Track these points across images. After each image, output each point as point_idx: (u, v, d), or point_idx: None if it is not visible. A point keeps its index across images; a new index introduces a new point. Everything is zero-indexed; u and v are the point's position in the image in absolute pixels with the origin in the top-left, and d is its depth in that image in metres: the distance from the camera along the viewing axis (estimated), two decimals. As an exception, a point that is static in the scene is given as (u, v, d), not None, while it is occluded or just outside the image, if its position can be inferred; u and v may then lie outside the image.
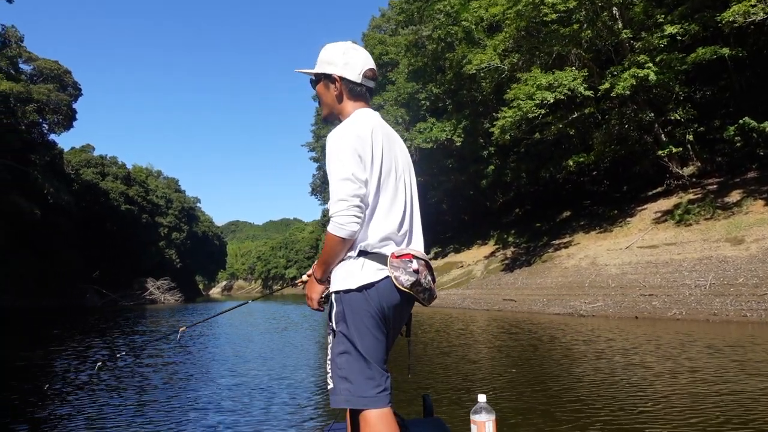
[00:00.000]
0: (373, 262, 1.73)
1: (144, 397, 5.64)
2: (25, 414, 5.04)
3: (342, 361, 1.72)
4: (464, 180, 26.82)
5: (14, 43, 34.05)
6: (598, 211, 21.79)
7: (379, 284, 1.72)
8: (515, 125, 17.25)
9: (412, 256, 1.74)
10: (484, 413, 1.96)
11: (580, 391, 5.08)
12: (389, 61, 30.35)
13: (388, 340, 1.81)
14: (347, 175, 1.68)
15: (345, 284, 1.74)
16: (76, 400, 5.61)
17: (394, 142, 1.90)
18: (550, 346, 8.26)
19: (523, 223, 26.03)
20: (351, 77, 1.86)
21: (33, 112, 38.51)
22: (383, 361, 1.76)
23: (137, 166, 69.35)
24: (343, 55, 1.86)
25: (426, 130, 22.96)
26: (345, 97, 1.88)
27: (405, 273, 1.71)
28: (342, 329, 1.73)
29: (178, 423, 4.59)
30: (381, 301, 1.72)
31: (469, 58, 19.28)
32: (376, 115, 1.89)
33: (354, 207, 1.67)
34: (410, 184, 1.93)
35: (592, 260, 17.10)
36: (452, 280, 24.13)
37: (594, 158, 19.03)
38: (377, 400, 1.68)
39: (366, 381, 1.69)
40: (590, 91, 16.28)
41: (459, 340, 9.88)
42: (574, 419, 4.16)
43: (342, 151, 1.71)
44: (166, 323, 18.40)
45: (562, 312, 13.54)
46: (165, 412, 4.99)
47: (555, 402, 4.71)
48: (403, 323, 1.90)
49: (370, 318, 1.71)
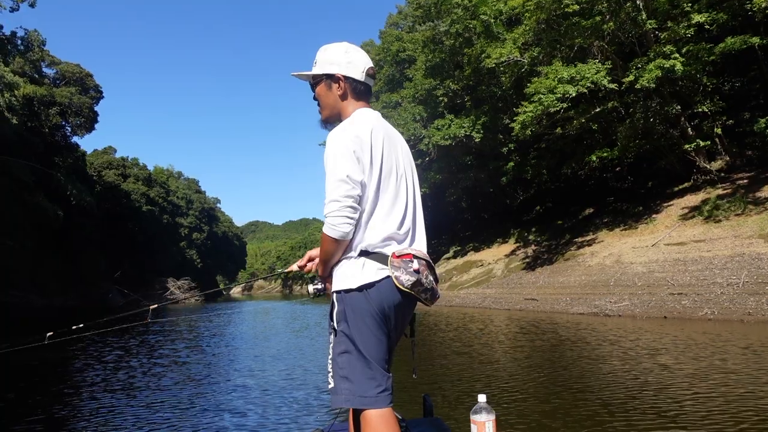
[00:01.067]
0: (374, 261, 1.73)
1: (156, 396, 5.50)
2: (38, 413, 4.97)
3: (343, 361, 1.72)
4: (483, 177, 26.38)
5: (36, 47, 34.57)
6: (622, 207, 21.23)
7: (380, 284, 1.72)
8: (536, 120, 16.82)
9: (412, 256, 1.74)
10: (484, 413, 1.96)
11: (604, 393, 4.79)
12: (406, 57, 30.05)
13: (390, 341, 1.80)
14: (342, 176, 1.69)
15: (346, 284, 1.74)
16: (88, 398, 5.56)
17: (395, 142, 1.90)
18: (574, 346, 7.92)
19: (544, 220, 25.52)
20: (355, 75, 1.87)
21: (56, 115, 39.17)
22: (385, 361, 1.75)
23: (158, 168, 70.20)
24: (346, 54, 1.87)
25: (444, 126, 22.59)
26: (349, 96, 1.89)
27: (406, 273, 1.70)
28: (343, 329, 1.74)
29: (182, 423, 4.55)
30: (382, 301, 1.71)
31: (488, 52, 18.89)
32: (376, 115, 1.89)
33: (346, 208, 1.68)
34: (412, 183, 1.92)
35: (616, 258, 16.60)
36: (472, 279, 23.76)
37: (618, 153, 18.49)
38: (378, 400, 1.69)
39: (367, 381, 1.69)
40: (614, 84, 15.77)
41: (477, 339, 9.59)
42: (597, 423, 3.88)
43: (339, 152, 1.72)
44: (184, 323, 18.41)
45: (587, 311, 13.13)
46: (172, 411, 4.94)
47: (577, 404, 4.43)
48: (406, 323, 1.89)
49: (370, 318, 1.71)
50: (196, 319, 20.46)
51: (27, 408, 5.26)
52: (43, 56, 38.53)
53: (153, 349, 10.19)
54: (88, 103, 41.86)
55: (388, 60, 31.46)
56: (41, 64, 39.44)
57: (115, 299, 40.94)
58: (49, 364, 8.19)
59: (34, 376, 7.16)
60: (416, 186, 1.95)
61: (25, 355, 8.90)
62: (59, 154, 40.14)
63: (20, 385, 6.45)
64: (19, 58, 34.27)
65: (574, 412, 4.39)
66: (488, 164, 25.35)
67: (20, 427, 4.58)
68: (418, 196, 1.94)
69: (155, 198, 58.88)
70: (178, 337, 12.66)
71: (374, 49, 36.32)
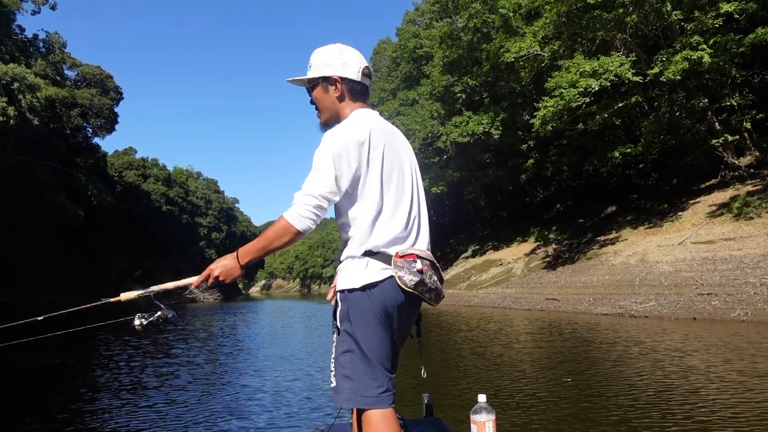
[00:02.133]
0: (378, 261, 1.72)
1: (159, 395, 5.34)
2: (41, 413, 4.89)
3: (345, 360, 1.72)
4: (502, 175, 25.92)
5: (57, 49, 35.03)
6: (646, 205, 20.65)
7: (383, 284, 1.70)
8: (557, 116, 16.39)
9: (416, 256, 1.73)
10: (484, 413, 1.96)
11: (625, 396, 4.48)
12: (423, 54, 29.67)
13: (394, 341, 1.79)
14: (325, 176, 1.68)
15: (349, 283, 1.73)
16: (102, 398, 5.51)
17: (396, 141, 1.88)
18: (598, 348, 7.57)
19: (565, 218, 25.00)
20: (351, 76, 1.86)
21: (77, 117, 39.68)
22: (388, 362, 1.74)
23: (178, 168, 70.86)
24: (340, 55, 1.86)
25: (462, 123, 22.20)
26: (347, 97, 1.87)
27: (409, 273, 1.69)
28: (346, 328, 1.73)
29: (182, 423, 4.51)
30: (385, 301, 1.70)
31: (507, 46, 18.48)
32: (375, 115, 1.88)
33: (318, 207, 1.67)
34: (415, 182, 1.90)
35: (641, 257, 16.11)
36: (491, 278, 23.37)
37: (642, 149, 17.94)
38: (379, 400, 1.68)
39: (369, 381, 1.69)
40: (639, 77, 15.26)
41: (494, 340, 9.27)
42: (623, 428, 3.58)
43: (330, 152, 1.70)
44: (200, 322, 18.40)
45: (611, 312, 12.71)
46: (173, 411, 4.88)
47: (598, 410, 4.12)
48: (411, 324, 1.88)
49: (373, 317, 1.71)
50: (213, 317, 20.46)
51: (33, 407, 5.19)
52: (65, 58, 39.06)
53: (164, 347, 10.10)
54: (109, 104, 42.35)
55: (405, 57, 31.15)
56: (63, 66, 39.99)
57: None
58: (58, 364, 8.12)
59: (41, 376, 7.08)
60: (419, 185, 1.93)
61: (37, 356, 8.86)
62: (81, 155, 40.67)
63: (27, 384, 6.36)
64: (41, 61, 34.79)
65: (593, 416, 4.10)
66: (507, 162, 24.91)
67: (26, 427, 4.50)
68: (422, 195, 1.92)
69: (175, 198, 59.44)
70: (190, 336, 12.58)
71: (391, 46, 36.08)
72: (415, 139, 24.73)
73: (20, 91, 24.31)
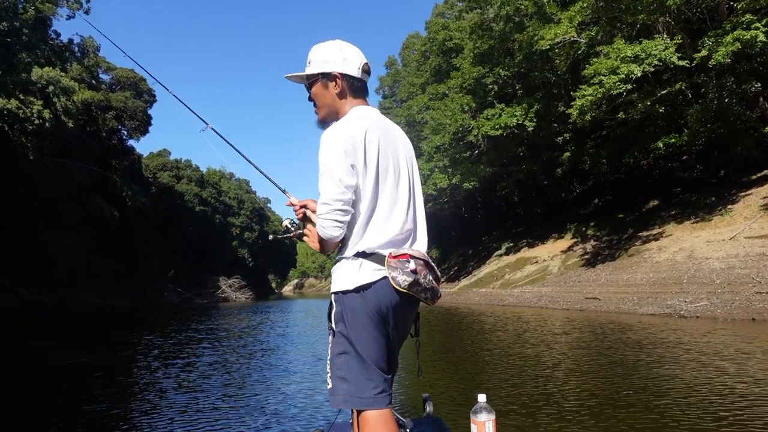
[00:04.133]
0: (371, 262, 1.72)
1: (164, 394, 4.98)
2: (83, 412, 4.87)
3: (341, 362, 1.72)
4: (536, 169, 25.00)
5: (92, 53, 35.71)
6: (691, 198, 19.52)
7: (377, 285, 1.71)
8: (596, 105, 15.51)
9: (409, 256, 1.72)
10: (484, 413, 1.95)
11: (670, 404, 3.83)
12: (453, 46, 28.92)
13: (391, 342, 1.79)
14: (333, 179, 1.69)
15: (343, 285, 1.73)
16: (128, 398, 5.46)
17: (393, 140, 1.86)
18: (650, 352, 6.86)
19: (603, 214, 23.96)
20: (351, 72, 1.85)
21: (112, 119, 40.44)
22: (383, 363, 1.74)
23: (211, 169, 71.75)
24: (340, 51, 1.85)
25: (494, 116, 21.40)
26: (346, 94, 1.86)
27: (402, 273, 1.69)
28: (341, 329, 1.73)
29: (183, 421, 4.50)
30: (379, 302, 1.71)
31: (541, 34, 17.65)
32: (373, 112, 1.86)
33: (336, 211, 1.69)
34: (413, 181, 1.89)
35: (688, 253, 15.12)
36: (526, 276, 22.57)
37: (687, 139, 16.88)
38: (375, 401, 1.68)
39: (364, 382, 1.68)
40: (684, 61, 14.28)
41: (536, 340, 8.63)
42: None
43: (331, 154, 1.71)
44: (225, 322, 18.24)
45: (658, 312, 11.86)
46: (175, 408, 4.80)
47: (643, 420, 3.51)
48: (408, 324, 1.86)
49: (368, 319, 1.70)
50: (239, 317, 20.31)
51: (50, 407, 4.98)
52: (99, 62, 39.85)
53: (182, 347, 9.84)
54: (142, 106, 43.06)
55: (434, 50, 30.44)
56: (98, 70, 40.83)
57: (170, 298, 41.96)
58: (76, 364, 7.91)
59: (58, 379, 6.85)
60: (416, 184, 1.91)
61: (60, 356, 8.69)
62: (116, 157, 41.46)
63: (50, 384, 6.12)
64: (77, 65, 35.53)
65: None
66: (541, 155, 24.01)
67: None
68: (418, 194, 1.91)
69: (208, 198, 60.19)
70: (211, 336, 12.33)
71: (420, 40, 35.44)
72: (445, 134, 24.09)
73: (55, 94, 24.73)
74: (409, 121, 30.23)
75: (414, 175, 1.90)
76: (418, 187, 1.91)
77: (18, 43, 24.78)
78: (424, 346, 9.19)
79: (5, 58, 23.83)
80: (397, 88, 40.88)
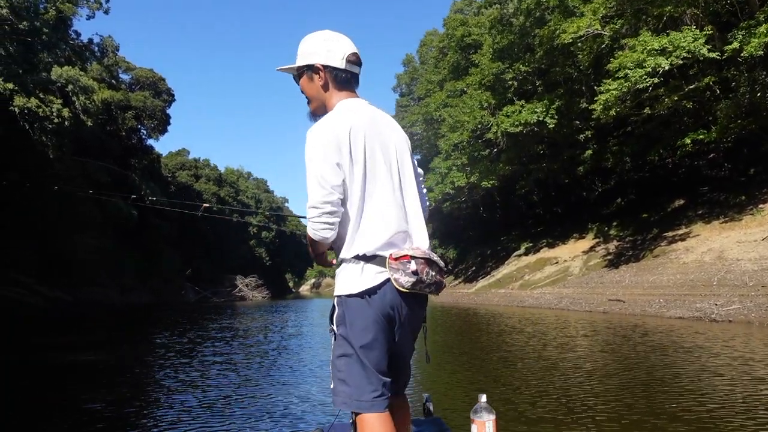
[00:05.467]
0: (373, 265, 1.71)
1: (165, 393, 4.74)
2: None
3: (341, 364, 1.73)
4: (557, 168, 24.40)
5: (111, 52, 36.00)
6: (719, 197, 18.81)
7: (380, 287, 1.70)
8: (620, 100, 14.97)
9: (410, 257, 1.70)
10: (485, 413, 1.94)
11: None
12: (472, 42, 28.43)
13: (399, 345, 1.78)
14: (318, 180, 1.68)
15: (346, 289, 1.73)
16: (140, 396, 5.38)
17: (383, 132, 1.80)
18: (678, 356, 6.42)
19: (626, 213, 23.29)
20: (334, 63, 1.81)
21: (131, 119, 40.82)
22: (384, 366, 1.73)
23: (229, 168, 72.19)
24: (324, 42, 1.82)
25: (514, 113, 20.90)
26: (331, 86, 1.83)
27: (404, 275, 1.68)
28: (342, 332, 1.74)
29: (184, 421, 4.46)
30: (384, 304, 1.71)
31: (563, 27, 17.13)
32: (361, 105, 1.82)
33: (324, 214, 1.69)
34: (407, 176, 1.83)
35: (718, 254, 14.50)
36: (546, 278, 22.04)
37: (716, 135, 16.22)
38: (374, 404, 1.68)
39: (364, 385, 1.68)
40: (715, 53, 13.68)
41: (557, 342, 8.21)
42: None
43: (314, 153, 1.70)
44: (237, 322, 18.09)
45: (687, 315, 11.32)
46: (177, 407, 4.65)
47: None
48: (417, 321, 1.83)
49: (371, 322, 1.69)
50: (253, 316, 20.16)
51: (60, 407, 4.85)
52: (119, 62, 40.19)
53: (198, 345, 9.64)
54: (161, 106, 43.40)
55: (453, 46, 29.97)
56: (118, 70, 41.23)
57: (188, 296, 42.19)
58: (93, 361, 7.74)
59: (62, 376, 6.67)
60: (411, 177, 1.85)
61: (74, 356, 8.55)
62: (135, 156, 41.86)
63: (65, 383, 5.94)
64: (97, 65, 35.88)
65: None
66: (562, 153, 23.43)
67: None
68: (413, 189, 1.84)
69: (225, 197, 60.52)
70: (227, 335, 12.13)
71: (438, 37, 35.00)
72: (463, 131, 23.64)
73: (74, 93, 24.91)
74: (427, 119, 29.83)
75: (407, 169, 1.83)
76: (412, 182, 1.83)
77: (39, 42, 25.04)
78: (432, 345, 8.88)
79: (26, 58, 24.08)
80: (415, 85, 40.50)
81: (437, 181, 27.55)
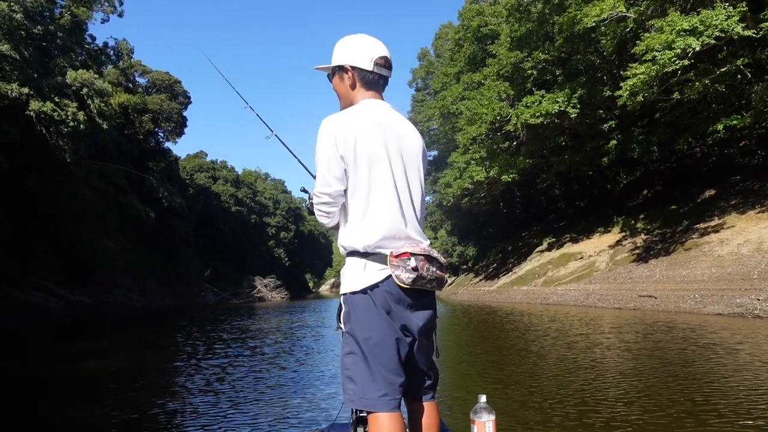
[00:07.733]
0: (375, 262, 1.75)
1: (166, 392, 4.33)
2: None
3: (348, 362, 1.74)
4: (579, 160, 23.54)
5: (126, 55, 36.07)
6: (753, 187, 17.90)
7: (382, 284, 1.74)
8: (648, 85, 14.20)
9: (409, 254, 1.73)
10: (485, 413, 1.94)
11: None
12: (489, 33, 27.66)
13: (411, 342, 1.77)
14: (321, 171, 1.77)
15: (351, 286, 1.77)
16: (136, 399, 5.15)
17: (395, 134, 1.84)
18: (718, 356, 5.78)
19: (654, 205, 22.39)
20: (362, 65, 1.88)
21: (148, 122, 40.92)
22: (392, 363, 1.71)
23: (246, 170, 72.35)
24: (355, 44, 1.90)
25: (534, 103, 20.14)
26: (358, 85, 1.90)
27: (405, 271, 1.71)
28: (349, 330, 1.77)
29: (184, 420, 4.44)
30: (387, 301, 1.74)
31: (585, 11, 16.38)
32: (379, 105, 1.88)
33: (321, 204, 1.80)
34: (413, 174, 1.87)
35: (756, 246, 13.67)
36: (570, 273, 21.29)
37: (751, 120, 15.33)
38: (380, 402, 1.68)
39: (369, 383, 1.70)
40: (751, 30, 12.84)
41: (585, 341, 7.60)
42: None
43: (320, 146, 1.77)
44: (255, 323, 17.76)
45: (727, 312, 10.59)
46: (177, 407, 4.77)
47: None
48: (426, 316, 1.81)
49: (376, 318, 1.73)
50: (269, 317, 19.82)
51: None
52: (134, 65, 40.29)
53: (213, 347, 9.26)
54: (177, 108, 43.45)
55: (469, 37, 29.21)
56: (134, 73, 41.38)
57: (207, 297, 42.20)
58: (103, 366, 7.40)
59: (70, 383, 6.32)
60: (415, 176, 1.88)
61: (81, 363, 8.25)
62: (152, 159, 41.99)
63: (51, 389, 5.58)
64: (113, 69, 35.99)
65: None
66: (585, 145, 22.58)
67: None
68: (415, 187, 1.87)
69: (243, 199, 60.60)
70: (242, 336, 11.75)
71: (453, 29, 34.28)
72: (481, 124, 22.95)
73: (89, 96, 24.86)
74: (444, 113, 29.17)
75: (412, 168, 1.86)
76: (414, 179, 1.86)
77: (54, 47, 25.05)
78: (444, 346, 8.35)
79: (41, 62, 24.09)
80: (430, 79, 39.83)
81: (455, 176, 26.88)
